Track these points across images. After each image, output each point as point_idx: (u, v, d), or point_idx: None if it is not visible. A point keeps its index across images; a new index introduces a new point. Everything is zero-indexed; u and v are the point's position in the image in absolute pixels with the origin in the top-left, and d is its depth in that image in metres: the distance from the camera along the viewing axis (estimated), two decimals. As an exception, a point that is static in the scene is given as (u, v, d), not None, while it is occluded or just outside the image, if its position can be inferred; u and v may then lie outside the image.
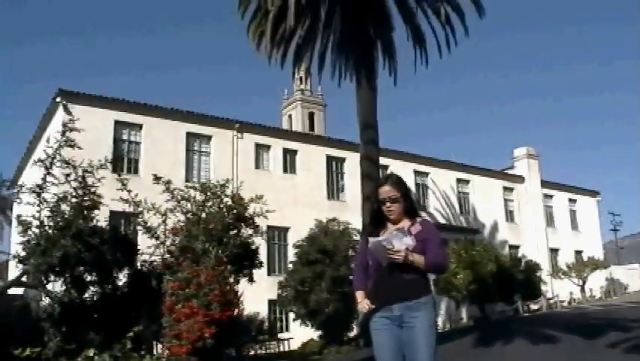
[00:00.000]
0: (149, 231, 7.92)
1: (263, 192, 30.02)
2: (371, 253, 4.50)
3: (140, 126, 28.51)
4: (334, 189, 35.08)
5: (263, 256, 27.18)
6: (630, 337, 12.57)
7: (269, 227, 30.50)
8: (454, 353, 13.11)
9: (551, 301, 38.82)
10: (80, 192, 7.15)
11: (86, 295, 6.90)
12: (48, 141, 27.21)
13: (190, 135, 30.10)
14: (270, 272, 28.14)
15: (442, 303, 33.82)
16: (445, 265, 4.74)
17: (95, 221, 7.29)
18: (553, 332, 15.52)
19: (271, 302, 26.91)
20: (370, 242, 4.43)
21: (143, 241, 8.35)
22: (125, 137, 28.14)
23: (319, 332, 20.60)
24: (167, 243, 7.55)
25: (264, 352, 20.89)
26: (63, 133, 7.29)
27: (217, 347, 6.60)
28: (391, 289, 4.44)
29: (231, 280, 6.70)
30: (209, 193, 7.54)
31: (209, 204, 7.52)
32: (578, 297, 41.85)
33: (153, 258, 7.41)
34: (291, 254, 24.49)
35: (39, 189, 6.95)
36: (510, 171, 46.53)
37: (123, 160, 27.82)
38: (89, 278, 6.98)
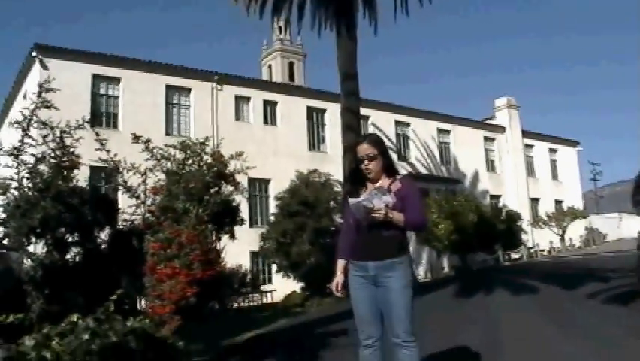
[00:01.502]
0: (130, 190, 7.78)
1: (243, 144, 30.14)
2: (351, 212, 4.50)
3: (119, 80, 28.06)
4: (315, 140, 34.96)
5: (244, 208, 27.29)
6: (608, 287, 12.66)
7: (250, 179, 30.46)
8: (435, 304, 13.13)
9: (531, 250, 39.25)
10: (58, 152, 6.98)
11: (68, 256, 6.78)
12: (25, 98, 26.94)
13: (169, 88, 29.74)
14: (252, 224, 28.17)
15: (423, 253, 34.11)
16: (424, 223, 4.69)
17: (74, 181, 7.13)
18: (533, 282, 15.65)
19: (253, 254, 26.99)
20: (350, 202, 4.43)
21: (124, 201, 8.22)
22: (103, 91, 27.70)
23: (301, 284, 20.67)
24: (148, 202, 7.41)
25: (246, 304, 20.92)
26: (39, 94, 7.09)
27: (200, 304, 6.59)
28: (368, 246, 4.47)
29: (212, 238, 6.60)
30: (188, 152, 7.38)
31: (190, 162, 7.37)
32: (557, 246, 42.28)
33: (134, 217, 7.29)
34: (273, 206, 24.48)
35: (16, 152, 6.77)
36: (491, 121, 46.54)
37: (102, 115, 27.43)
38: (70, 239, 6.85)
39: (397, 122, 39.16)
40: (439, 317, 10.56)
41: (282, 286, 23.14)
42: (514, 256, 36.96)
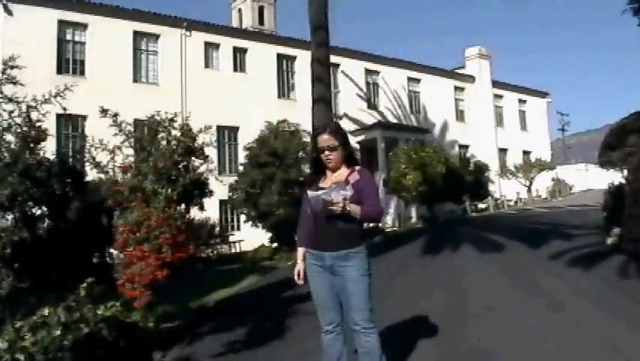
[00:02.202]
0: (98, 167, 7.66)
1: (212, 91, 29.97)
2: (310, 204, 4.58)
3: (85, 26, 27.44)
4: (284, 87, 34.71)
5: (213, 155, 27.25)
6: (571, 247, 12.82)
7: (219, 127, 30.44)
8: (402, 264, 13.28)
9: (498, 201, 39.72)
10: (25, 128, 6.84)
11: (37, 231, 6.70)
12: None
13: (137, 35, 29.19)
14: (220, 172, 27.99)
15: (391, 202, 34.32)
16: (380, 215, 4.74)
17: (42, 152, 7.01)
18: (499, 238, 15.86)
19: (222, 202, 26.92)
20: (309, 195, 4.52)
21: (92, 175, 8.12)
22: (69, 37, 27.10)
23: (270, 234, 20.74)
24: (118, 179, 7.31)
25: (214, 253, 20.94)
26: (3, 71, 6.90)
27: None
28: (325, 237, 4.57)
29: (179, 222, 6.54)
30: (159, 128, 7.26)
31: (159, 137, 7.26)
32: (524, 197, 42.83)
33: (101, 193, 7.22)
34: (242, 154, 24.36)
35: None
36: (461, 71, 46.43)
37: (68, 62, 26.90)
38: (39, 212, 6.77)
39: (367, 71, 38.92)
40: (405, 280, 10.65)
41: (250, 235, 23.21)
42: (481, 205, 37.37)
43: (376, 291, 4.76)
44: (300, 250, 4.82)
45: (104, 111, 7.26)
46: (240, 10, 70.88)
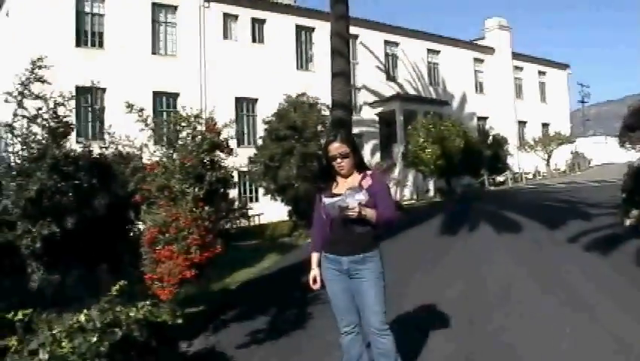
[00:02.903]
0: (125, 160, 7.77)
1: (230, 63, 29.93)
2: (326, 210, 4.64)
3: (104, -3, 27.43)
4: (303, 59, 34.58)
5: (232, 131, 27.21)
6: (589, 228, 12.81)
7: (237, 98, 30.50)
8: (419, 244, 13.30)
9: (516, 174, 39.63)
10: (52, 123, 6.93)
11: (66, 225, 6.80)
12: (8, 15, 26.36)
13: (155, 6, 29.01)
14: (239, 144, 28.10)
15: (409, 175, 34.39)
16: (394, 219, 4.76)
17: (69, 145, 7.11)
18: (516, 216, 15.88)
19: (241, 174, 27.05)
20: (326, 203, 4.59)
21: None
22: (87, 9, 27.01)
23: (288, 208, 20.86)
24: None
25: (233, 227, 21.05)
26: (32, 70, 6.96)
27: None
28: (342, 242, 4.69)
29: (207, 223, 6.64)
30: (183, 124, 7.30)
31: (184, 134, 7.30)
32: (543, 171, 42.65)
33: (130, 187, 7.30)
34: (260, 125, 24.41)
35: (10, 128, 6.73)
36: (481, 42, 46.06)
37: (87, 34, 26.89)
38: (67, 208, 6.87)
39: (386, 42, 38.66)
40: (423, 270, 10.63)
41: (268, 209, 23.36)
42: (500, 179, 37.33)
43: (395, 279, 4.87)
44: (315, 255, 4.97)
45: (129, 106, 7.30)
46: (258, -22, 70.32)
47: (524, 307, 7.34)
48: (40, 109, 6.87)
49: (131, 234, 7.97)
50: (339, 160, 4.73)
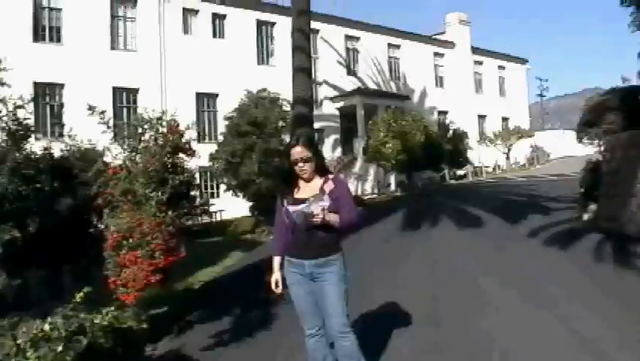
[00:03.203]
0: (86, 163, 7.66)
1: (191, 58, 29.70)
2: (290, 216, 4.70)
3: (61, -9, 26.99)
4: (264, 54, 34.51)
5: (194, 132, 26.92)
6: (549, 223, 13.00)
7: (198, 94, 30.35)
8: (381, 240, 13.32)
9: (476, 168, 39.99)
10: (12, 126, 6.81)
11: (28, 230, 6.71)
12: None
13: (114, 0, 28.78)
14: (200, 139, 27.91)
15: (370, 169, 34.51)
16: (356, 222, 4.84)
17: (29, 146, 7.00)
18: (477, 211, 16.03)
19: (202, 170, 26.88)
20: (291, 210, 4.66)
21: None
22: (45, 3, 26.65)
23: (250, 204, 20.80)
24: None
25: (195, 223, 20.92)
26: None
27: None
28: (305, 246, 4.71)
29: (171, 227, 6.60)
30: (145, 126, 7.19)
31: (146, 137, 7.21)
32: (502, 164, 43.12)
33: (92, 192, 7.20)
34: (221, 121, 24.33)
35: None
36: (441, 37, 46.38)
37: (45, 29, 26.52)
38: (28, 212, 6.76)
39: (347, 37, 38.85)
40: (385, 267, 10.65)
41: (230, 205, 23.25)
42: (460, 172, 37.64)
43: (357, 276, 4.91)
44: (276, 260, 5.00)
45: (91, 108, 7.18)
46: (218, -29, 69.83)
47: (486, 304, 7.40)
48: (-1, 112, 6.76)
49: (94, 237, 7.87)
50: (300, 164, 4.74)
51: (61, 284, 6.74)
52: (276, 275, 4.91)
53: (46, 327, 3.90)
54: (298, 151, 4.73)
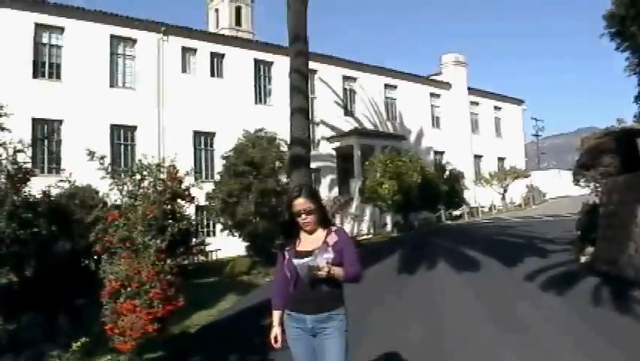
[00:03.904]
0: (85, 207, 7.62)
1: (189, 96, 29.86)
2: (292, 269, 4.52)
3: (62, 29, 27.18)
4: (262, 93, 34.63)
5: (190, 161, 26.69)
6: (546, 266, 13.03)
7: (195, 132, 30.40)
8: (378, 283, 13.24)
9: (473, 208, 39.99)
10: (11, 169, 6.80)
11: (24, 274, 6.65)
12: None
13: (114, 38, 28.94)
14: (196, 178, 27.82)
15: (367, 210, 34.45)
16: (361, 275, 4.65)
17: (27, 190, 6.98)
18: (474, 253, 16.01)
19: (198, 208, 26.78)
20: (296, 264, 4.44)
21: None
22: (45, 40, 26.80)
23: (246, 243, 20.72)
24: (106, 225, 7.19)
25: (190, 261, 20.76)
26: None
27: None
28: (307, 301, 4.53)
29: (169, 276, 6.52)
30: (144, 173, 7.16)
31: (145, 184, 7.16)
32: (498, 204, 43.13)
33: (91, 238, 7.14)
34: (218, 159, 24.34)
35: None
36: (437, 78, 46.62)
37: (44, 65, 26.61)
38: (25, 255, 6.72)
39: (345, 77, 39.06)
40: (381, 311, 10.57)
41: (226, 244, 23.14)
42: (456, 213, 37.62)
43: (353, 320, 4.81)
44: (276, 314, 4.77)
45: (90, 154, 7.14)
46: (216, 10, 70.58)
47: (484, 353, 7.34)
48: (-1, 155, 6.76)
49: (91, 282, 7.78)
50: (303, 216, 4.60)
51: (56, 327, 6.66)
52: (275, 330, 4.69)
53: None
54: (301, 203, 4.60)
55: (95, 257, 7.40)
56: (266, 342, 8.25)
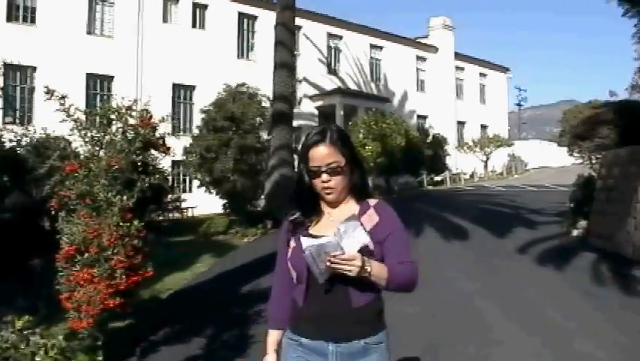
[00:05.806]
0: (41, 156, 6.73)
1: (169, 47, 28.80)
2: (298, 260, 2.66)
3: (37, -27, 25.89)
4: (244, 47, 33.69)
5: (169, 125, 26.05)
6: (537, 238, 12.68)
7: (175, 85, 29.47)
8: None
9: (454, 174, 39.72)
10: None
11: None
12: None
13: (93, -17, 27.76)
14: (174, 132, 26.98)
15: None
16: (416, 280, 2.70)
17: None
18: (461, 221, 15.59)
19: (175, 163, 25.97)
20: (303, 245, 2.53)
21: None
22: (19, -17, 25.58)
23: (223, 201, 20.08)
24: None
25: (165, 219, 20.07)
26: None
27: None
28: (326, 318, 2.64)
29: (136, 241, 5.62)
30: (112, 116, 6.20)
31: (113, 129, 6.20)
32: (480, 172, 42.90)
33: (46, 190, 6.28)
34: (197, 114, 23.49)
35: None
36: (424, 41, 45.82)
37: (19, 8, 25.39)
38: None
39: (330, 35, 38.17)
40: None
41: (202, 201, 22.47)
42: (438, 178, 37.33)
43: None
44: (273, 335, 2.91)
45: (49, 92, 6.15)
46: (200, -39, 68.97)
47: (484, 330, 6.87)
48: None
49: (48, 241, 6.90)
50: (325, 177, 2.67)
51: (5, 290, 5.89)
52: (270, 359, 2.88)
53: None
54: (324, 154, 2.66)
55: (53, 213, 6.48)
56: (245, 313, 7.76)
